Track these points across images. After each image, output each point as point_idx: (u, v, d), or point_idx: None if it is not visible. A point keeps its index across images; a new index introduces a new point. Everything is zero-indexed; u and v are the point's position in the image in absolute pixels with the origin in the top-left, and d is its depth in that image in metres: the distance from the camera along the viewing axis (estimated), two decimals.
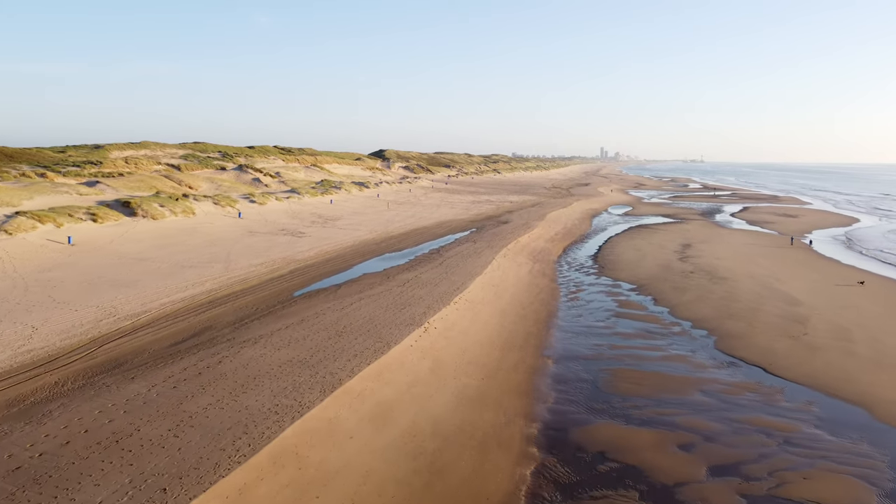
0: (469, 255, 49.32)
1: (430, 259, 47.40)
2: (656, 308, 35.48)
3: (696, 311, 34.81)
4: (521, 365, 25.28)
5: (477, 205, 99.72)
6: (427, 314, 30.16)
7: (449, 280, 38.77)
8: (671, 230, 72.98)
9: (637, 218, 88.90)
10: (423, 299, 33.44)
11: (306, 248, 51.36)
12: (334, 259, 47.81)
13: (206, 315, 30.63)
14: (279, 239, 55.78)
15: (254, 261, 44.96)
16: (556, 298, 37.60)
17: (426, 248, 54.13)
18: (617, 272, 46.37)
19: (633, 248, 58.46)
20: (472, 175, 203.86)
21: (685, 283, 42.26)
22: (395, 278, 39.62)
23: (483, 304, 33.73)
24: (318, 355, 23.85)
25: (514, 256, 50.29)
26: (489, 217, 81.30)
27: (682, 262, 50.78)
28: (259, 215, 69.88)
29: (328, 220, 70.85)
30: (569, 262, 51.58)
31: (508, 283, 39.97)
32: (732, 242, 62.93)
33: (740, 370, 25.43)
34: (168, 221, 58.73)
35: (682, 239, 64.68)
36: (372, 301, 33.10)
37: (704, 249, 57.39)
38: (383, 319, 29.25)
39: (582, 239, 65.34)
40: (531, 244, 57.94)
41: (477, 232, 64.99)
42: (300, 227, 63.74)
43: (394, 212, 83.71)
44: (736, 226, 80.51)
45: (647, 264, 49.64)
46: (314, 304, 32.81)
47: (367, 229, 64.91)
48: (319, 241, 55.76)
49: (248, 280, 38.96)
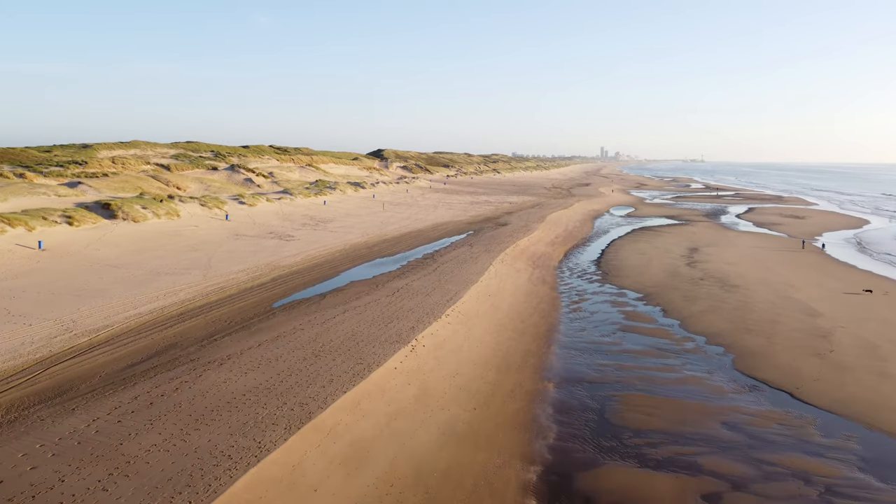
0: (465, 260, 46.58)
1: (423, 265, 44.67)
2: (666, 321, 32.73)
3: (709, 323, 32.05)
4: (518, 390, 22.53)
5: (475, 206, 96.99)
6: (416, 329, 27.42)
7: (442, 289, 36.03)
8: (676, 232, 70.24)
9: (640, 219, 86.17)
10: (412, 312, 30.69)
11: (293, 253, 48.61)
12: (322, 265, 45.07)
13: (173, 330, 27.87)
14: (266, 243, 53.05)
15: (235, 267, 42.22)
16: (557, 309, 34.84)
17: (420, 252, 51.40)
18: (622, 279, 43.63)
19: (637, 252, 55.72)
20: (472, 175, 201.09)
21: (695, 291, 39.51)
22: (384, 287, 36.89)
23: (478, 316, 30.98)
24: (289, 380, 21.11)
25: (513, 262, 47.55)
26: (487, 219, 78.56)
27: (690, 267, 48.04)
28: (248, 217, 67.14)
29: (319, 223, 68.12)
30: (570, 267, 48.83)
31: (506, 292, 37.22)
32: (741, 246, 60.19)
33: (764, 395, 22.70)
34: (150, 224, 55.98)
35: (689, 242, 61.95)
36: (357, 314, 30.36)
37: (713, 253, 54.65)
38: (367, 336, 26.50)
39: (584, 242, 62.61)
40: (531, 248, 55.20)
41: (474, 235, 62.26)
42: (289, 230, 61.00)
43: (389, 213, 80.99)
44: (743, 228, 77.79)
45: (653, 270, 46.90)
46: (294, 317, 30.06)
47: (360, 232, 62.18)
48: (308, 244, 53.02)
49: (227, 289, 36.21)
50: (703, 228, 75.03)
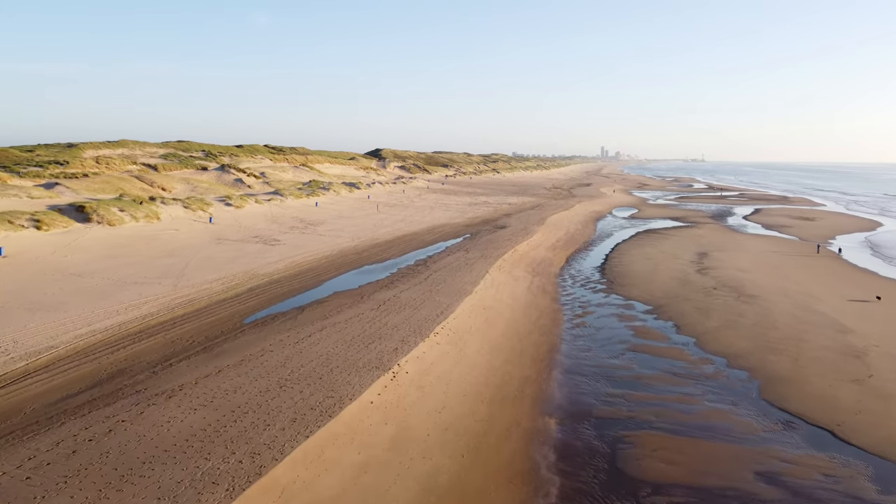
0: (459, 267, 43.39)
1: (414, 273, 41.48)
2: (680, 338, 29.52)
3: (728, 342, 28.85)
4: (514, 429, 19.33)
5: (473, 207, 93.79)
6: (399, 351, 24.23)
7: (433, 301, 32.84)
8: (683, 235, 67.03)
9: (644, 221, 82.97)
10: (398, 329, 27.50)
11: (276, 260, 45.41)
12: (305, 273, 41.88)
13: (125, 352, 24.68)
14: (249, 248, 49.86)
15: (211, 275, 39.03)
16: (559, 325, 31.63)
17: (412, 258, 48.20)
18: (628, 288, 40.43)
19: (643, 257, 52.51)
20: (471, 175, 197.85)
21: (709, 302, 36.32)
22: (369, 299, 33.70)
23: (471, 334, 27.78)
24: (244, 420, 17.93)
25: (511, 269, 44.35)
26: (485, 221, 75.36)
27: (700, 274, 44.83)
28: (234, 220, 63.97)
29: (309, 226, 64.94)
30: (572, 274, 45.62)
31: (503, 304, 34.02)
32: (752, 250, 56.98)
33: (801, 434, 19.51)
34: (126, 228, 52.79)
35: (697, 246, 58.73)
36: (336, 332, 27.16)
37: (723, 259, 51.43)
38: (344, 360, 23.31)
39: (586, 246, 59.40)
40: (530, 253, 51.99)
41: (471, 238, 59.05)
42: (276, 234, 57.81)
43: (383, 215, 77.80)
44: (751, 230, 74.58)
45: (661, 278, 43.70)
46: (264, 335, 26.87)
47: (350, 236, 58.98)
48: (294, 250, 49.82)
49: (196, 301, 33.01)
50: (711, 231, 71.82)
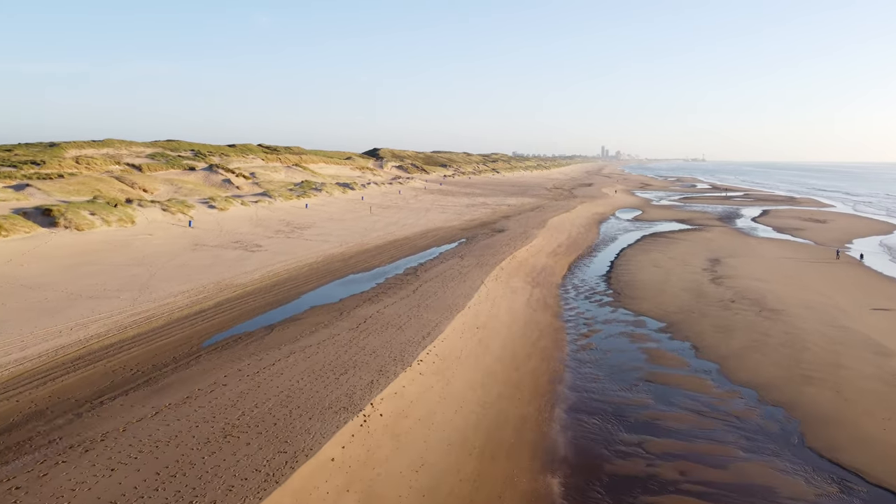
0: (452, 277, 39.76)
1: (402, 283, 37.85)
2: (700, 363, 25.87)
3: (755, 368, 25.20)
4: (508, 492, 15.67)
5: (471, 209, 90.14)
6: (375, 386, 20.58)
7: (419, 319, 29.20)
8: (692, 239, 63.37)
9: (649, 224, 79.29)
10: (376, 355, 23.86)
11: (253, 268, 41.77)
12: (283, 283, 38.24)
13: (53, 386, 21.03)
14: (227, 254, 46.20)
15: (178, 287, 35.40)
16: (562, 347, 27.95)
17: (403, 265, 44.56)
18: (637, 301, 36.78)
19: (651, 264, 48.84)
20: (470, 175, 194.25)
21: (728, 318, 32.67)
22: (349, 315, 30.07)
23: (461, 361, 24.13)
24: (167, 489, 14.28)
25: (509, 278, 40.69)
26: (483, 224, 71.70)
27: (715, 284, 41.18)
28: (215, 224, 60.31)
29: (296, 229, 61.29)
30: (576, 285, 41.94)
31: (499, 322, 30.35)
32: (767, 256, 53.32)
33: (863, 499, 15.87)
34: (96, 233, 49.14)
35: (708, 251, 55.07)
36: (305, 358, 23.54)
37: (738, 266, 47.76)
38: (308, 397, 19.68)
39: (590, 252, 55.72)
40: (530, 260, 48.33)
41: (467, 243, 55.40)
42: (259, 239, 54.16)
43: (375, 217, 74.16)
44: (762, 233, 70.90)
45: (672, 288, 40.05)
46: (222, 363, 23.23)
47: (338, 241, 55.33)
48: (275, 257, 46.17)
49: (154, 318, 29.37)
50: (720, 235, 68.14)
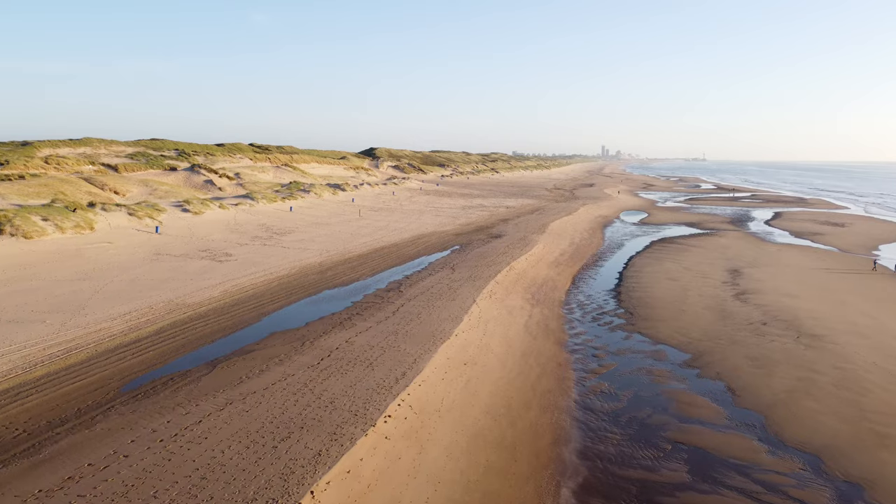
0: (441, 293, 34.75)
1: (382, 302, 32.85)
2: (741, 414, 20.82)
3: (811, 421, 20.17)
4: None
5: (467, 211, 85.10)
6: (322, 461, 15.56)
7: (395, 352, 24.18)
8: (705, 246, 58.32)
9: (657, 228, 74.23)
10: (333, 407, 18.85)
11: (215, 282, 36.76)
12: (246, 302, 33.22)
13: None
14: (191, 265, 41.20)
15: (120, 308, 30.38)
16: (567, 390, 22.88)
17: (386, 278, 39.56)
18: (654, 323, 31.75)
19: (664, 275, 43.79)
20: (468, 175, 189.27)
21: (763, 346, 27.64)
22: (312, 346, 25.07)
23: (440, 416, 19.09)
24: None
25: (505, 295, 35.67)
26: (479, 228, 66.67)
27: (740, 302, 36.16)
28: (187, 229, 55.28)
29: (274, 235, 56.27)
30: (581, 302, 36.88)
31: (491, 355, 25.30)
32: (791, 265, 48.27)
33: None
34: (46, 242, 44.12)
35: (725, 260, 50.03)
36: (241, 413, 18.52)
37: (762, 279, 42.73)
38: (226, 483, 14.66)
39: (595, 261, 50.65)
40: (529, 272, 43.30)
41: (460, 251, 50.38)
42: (231, 246, 49.13)
43: (365, 221, 69.12)
44: (780, 238, 65.85)
45: (692, 307, 35.02)
46: (136, 419, 18.23)
47: (319, 248, 50.30)
48: (243, 268, 41.16)
49: (77, 351, 24.36)
50: (735, 240, 63.10)
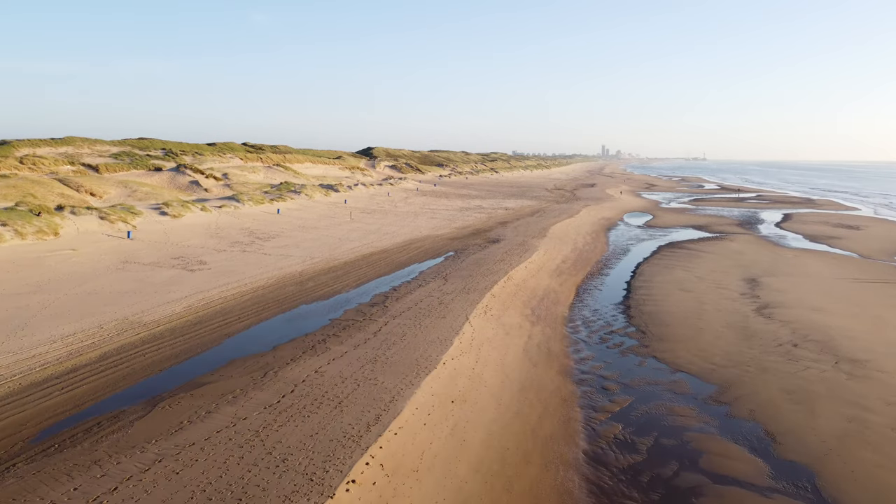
0: (430, 309, 31.12)
1: (364, 319, 29.22)
2: (785, 468, 17.14)
3: (872, 482, 16.53)
4: None
5: (464, 213, 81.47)
6: None
7: (371, 387, 20.54)
8: (716, 251, 54.67)
9: (663, 231, 70.56)
10: (285, 467, 15.21)
11: (181, 296, 33.15)
12: (210, 319, 29.59)
13: None
14: (159, 275, 37.58)
15: (66, 328, 26.76)
16: (574, 436, 19.16)
17: (371, 290, 35.94)
18: (670, 345, 28.09)
19: (677, 286, 40.15)
20: (467, 175, 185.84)
21: (798, 374, 24.00)
22: (275, 377, 21.44)
23: (418, 478, 15.43)
24: None
25: (502, 311, 32.02)
26: (476, 232, 63.03)
27: (763, 317, 32.52)
28: (162, 234, 51.64)
29: (257, 240, 52.62)
30: (587, 318, 33.20)
31: (484, 389, 21.62)
32: (812, 274, 44.63)
33: None
34: (2, 249, 40.50)
35: (740, 268, 46.38)
36: (169, 476, 14.89)
37: (783, 289, 39.09)
38: None
39: (600, 269, 46.98)
40: (529, 282, 39.66)
41: (454, 259, 46.75)
42: (207, 253, 45.50)
43: (355, 224, 65.50)
44: (794, 243, 62.18)
45: (711, 324, 31.37)
46: (35, 485, 14.60)
47: (302, 255, 46.67)
48: (216, 278, 37.54)
49: None
50: (747, 245, 59.46)
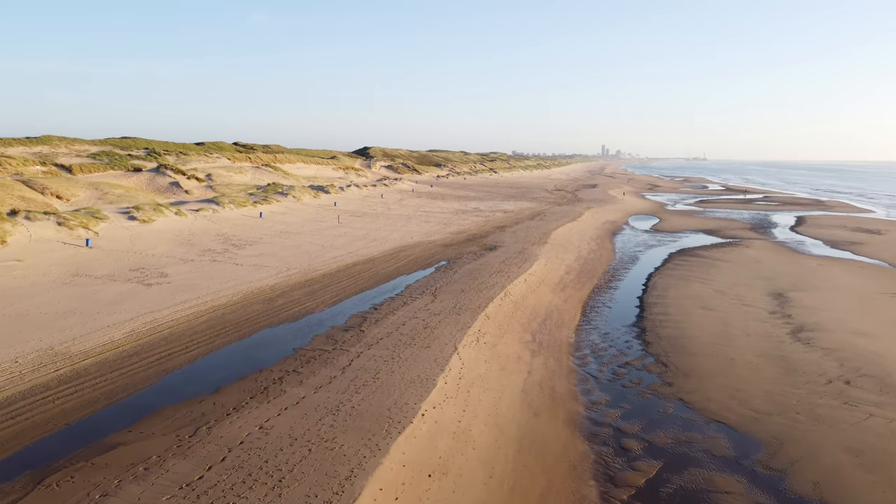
0: (413, 335, 26.53)
1: (333, 350, 24.63)
2: None
3: None
4: None
5: (460, 217, 76.86)
6: None
7: (327, 453, 15.93)
8: (733, 260, 50.08)
9: (672, 236, 65.98)
10: None
11: (127, 317, 28.54)
12: (152, 349, 24.97)
13: None
14: (108, 291, 32.96)
15: None
16: None
17: (349, 309, 31.35)
18: (698, 381, 23.49)
19: (696, 302, 35.55)
20: (465, 175, 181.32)
21: (861, 427, 19.41)
22: (206, 439, 16.85)
23: None
24: None
25: (498, 337, 27.42)
26: (472, 238, 58.45)
27: (801, 343, 27.92)
28: (127, 241, 47.03)
29: (231, 247, 48.01)
30: (597, 346, 28.54)
31: (472, 454, 16.98)
32: (843, 287, 40.06)
33: None
34: None
35: (763, 280, 41.79)
36: None
37: (815, 306, 34.50)
38: None
39: (608, 281, 42.35)
40: (529, 299, 35.06)
41: (446, 269, 42.18)
42: (171, 264, 40.90)
43: (343, 229, 60.90)
44: (815, 249, 57.64)
45: (742, 352, 26.77)
46: None
47: (279, 265, 42.07)
48: (173, 294, 32.92)
49: None
50: (765, 252, 54.89)
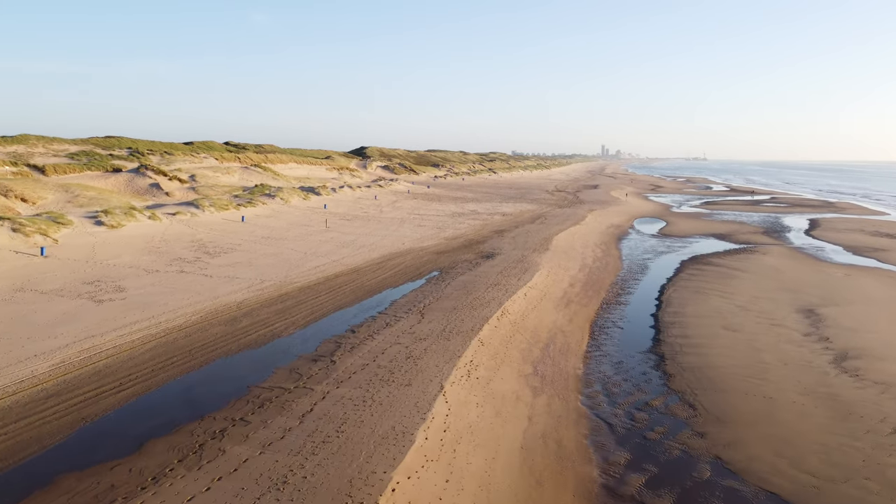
0: (392, 369, 22.43)
1: (292, 390, 20.53)
2: None
3: None
4: None
5: (457, 220, 72.73)
6: None
7: None
8: (751, 269, 45.99)
9: (682, 241, 61.88)
10: None
11: (63, 343, 24.48)
12: (77, 387, 20.89)
13: None
14: (50, 310, 28.87)
15: None
16: None
17: (321, 333, 27.24)
18: (736, 431, 19.39)
19: (718, 321, 31.45)
20: (464, 175, 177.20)
21: None
22: None
23: None
24: None
25: (493, 370, 23.30)
26: (468, 244, 54.35)
27: (849, 376, 23.85)
28: (88, 250, 42.92)
29: (204, 256, 43.90)
30: (609, 380, 24.39)
31: None
32: (878, 300, 36.02)
33: None
34: None
35: (788, 292, 37.73)
36: None
37: (854, 326, 30.42)
38: None
39: (617, 295, 38.23)
40: (529, 318, 30.94)
41: (438, 281, 38.09)
42: (133, 275, 36.78)
43: (330, 234, 56.80)
44: (836, 256, 53.61)
45: (783, 389, 22.69)
46: None
47: (252, 277, 37.98)
48: (125, 313, 28.81)
49: None
50: (784, 260, 50.83)
